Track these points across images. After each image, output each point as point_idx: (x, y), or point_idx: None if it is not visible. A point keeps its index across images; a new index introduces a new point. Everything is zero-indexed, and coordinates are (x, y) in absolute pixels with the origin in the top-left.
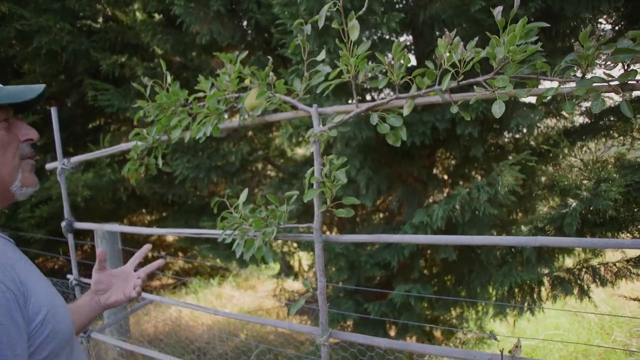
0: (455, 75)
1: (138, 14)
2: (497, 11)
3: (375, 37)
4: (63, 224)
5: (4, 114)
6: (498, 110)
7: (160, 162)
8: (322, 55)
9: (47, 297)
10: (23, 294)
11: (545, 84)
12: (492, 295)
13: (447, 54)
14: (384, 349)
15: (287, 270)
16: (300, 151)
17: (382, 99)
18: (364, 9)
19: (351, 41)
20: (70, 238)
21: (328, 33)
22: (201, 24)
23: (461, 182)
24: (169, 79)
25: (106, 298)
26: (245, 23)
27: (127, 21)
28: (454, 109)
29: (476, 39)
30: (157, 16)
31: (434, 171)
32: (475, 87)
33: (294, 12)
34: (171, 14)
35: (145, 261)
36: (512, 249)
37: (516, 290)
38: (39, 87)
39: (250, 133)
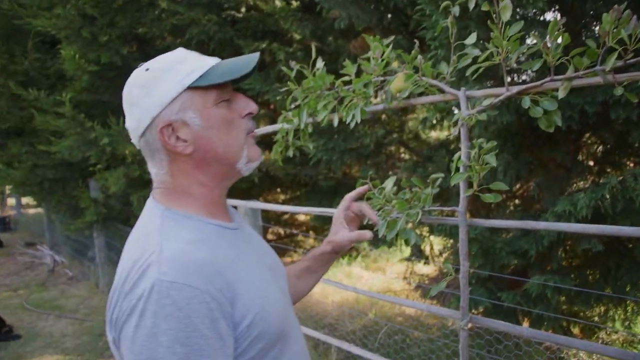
0: (622, 54)
1: (277, 2)
2: None
3: (517, 17)
4: None
5: (226, 92)
6: None
7: (310, 144)
8: (472, 39)
9: (257, 298)
10: (230, 300)
11: None
12: None
13: (614, 30)
14: (526, 337)
15: (418, 254)
16: (434, 134)
17: (525, 81)
18: None
19: (502, 22)
20: None
21: (469, 16)
22: (340, 9)
23: (609, 170)
24: (318, 63)
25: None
26: (382, 7)
27: (267, 9)
28: (619, 91)
29: None
30: (294, 3)
31: (579, 157)
32: None
33: None
34: (307, 0)
35: (278, 238)
36: None
37: None
38: (253, 59)
39: (384, 116)
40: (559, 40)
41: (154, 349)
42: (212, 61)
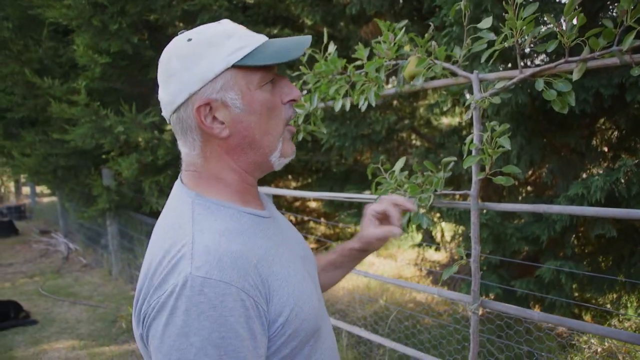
0: None
1: None
2: None
3: None
4: None
5: (270, 74)
6: None
7: (324, 129)
8: (487, 23)
9: (292, 294)
10: (265, 297)
11: None
12: None
13: (633, 9)
14: (537, 321)
15: (429, 241)
16: (446, 121)
17: (537, 65)
18: None
19: (517, 3)
20: None
21: None
22: None
23: (624, 156)
24: (330, 48)
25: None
26: None
27: None
28: (636, 71)
29: None
30: None
31: (593, 143)
32: None
33: None
34: None
35: (294, 224)
36: None
37: None
38: (305, 42)
39: (395, 102)
40: (575, 21)
41: (184, 350)
42: (260, 39)
